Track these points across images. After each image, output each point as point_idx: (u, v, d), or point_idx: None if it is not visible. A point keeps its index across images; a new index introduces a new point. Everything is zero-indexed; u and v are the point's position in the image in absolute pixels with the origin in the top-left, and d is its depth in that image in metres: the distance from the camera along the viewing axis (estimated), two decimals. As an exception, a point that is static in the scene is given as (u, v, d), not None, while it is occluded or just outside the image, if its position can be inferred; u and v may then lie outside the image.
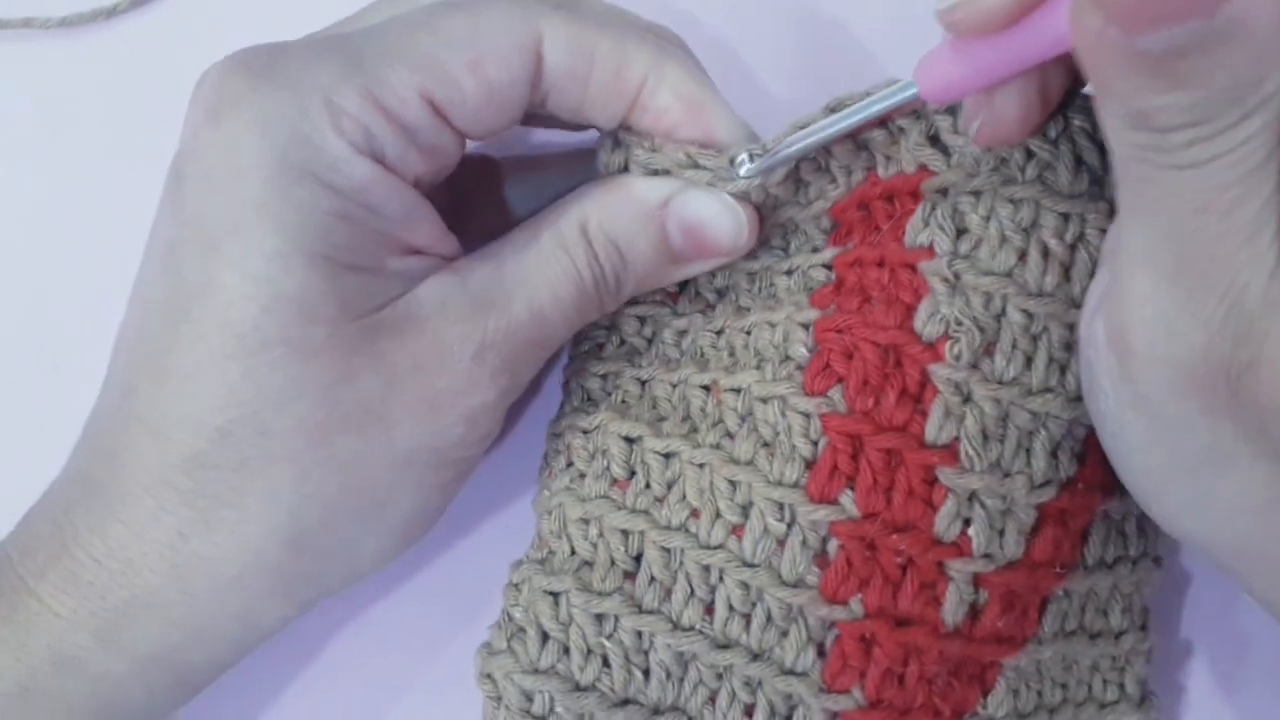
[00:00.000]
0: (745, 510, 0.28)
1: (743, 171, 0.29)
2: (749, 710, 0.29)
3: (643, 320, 0.33)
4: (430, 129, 0.27)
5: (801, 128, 0.29)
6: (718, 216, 0.29)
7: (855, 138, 0.29)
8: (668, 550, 0.29)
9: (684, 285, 0.32)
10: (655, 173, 0.29)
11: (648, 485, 0.29)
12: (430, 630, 0.34)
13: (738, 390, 0.29)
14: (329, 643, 0.35)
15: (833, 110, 0.29)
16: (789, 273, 0.31)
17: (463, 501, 0.31)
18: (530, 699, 0.29)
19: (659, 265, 0.30)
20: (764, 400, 0.28)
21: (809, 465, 0.28)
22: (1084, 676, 0.32)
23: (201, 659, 0.28)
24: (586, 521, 0.30)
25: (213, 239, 0.25)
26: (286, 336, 0.25)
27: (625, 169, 0.30)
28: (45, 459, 0.29)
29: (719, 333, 0.31)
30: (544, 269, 0.29)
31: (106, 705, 0.28)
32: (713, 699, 0.29)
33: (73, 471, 0.28)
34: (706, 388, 0.30)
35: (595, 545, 0.30)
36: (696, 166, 0.29)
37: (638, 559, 0.29)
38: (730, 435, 0.29)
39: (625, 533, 0.29)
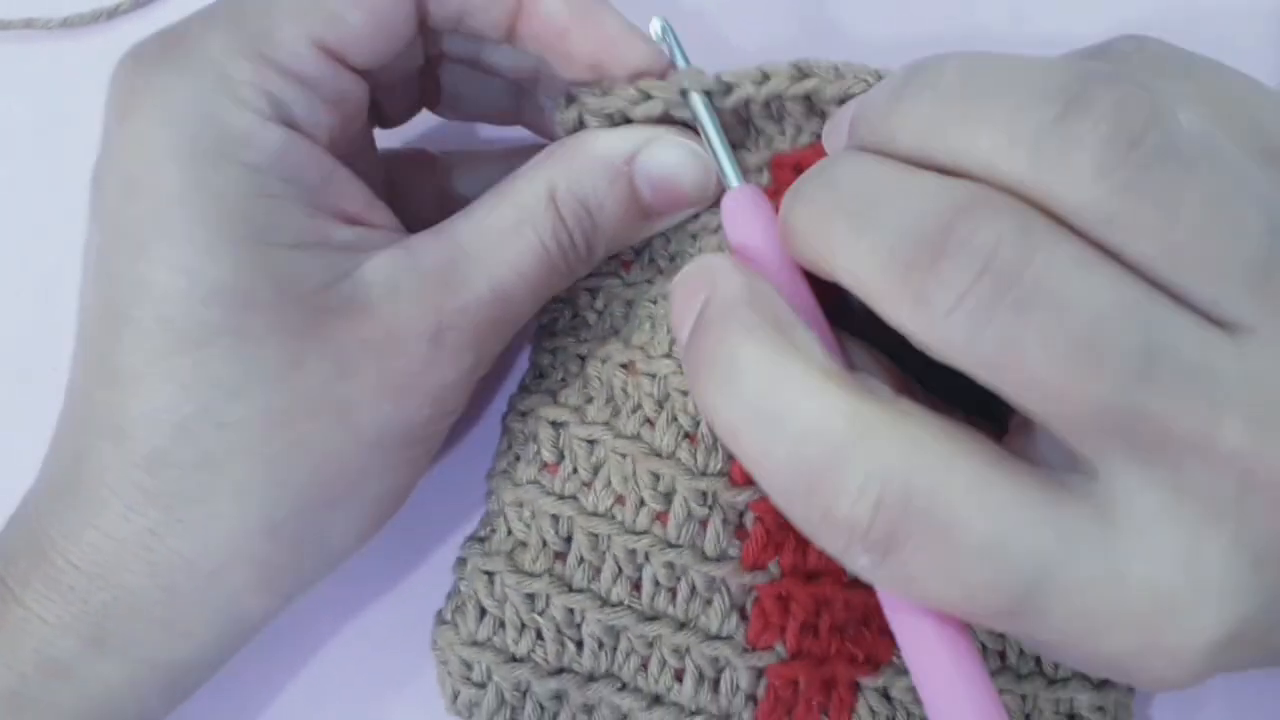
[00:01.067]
0: (668, 498, 0.29)
1: (694, 101, 0.28)
2: (679, 675, 0.30)
3: (594, 293, 0.32)
4: (329, 76, 0.27)
5: (766, 75, 0.29)
6: (684, 165, 0.29)
7: (811, 100, 0.29)
8: (595, 535, 0.30)
9: (639, 253, 0.32)
10: (610, 117, 0.29)
11: (575, 470, 0.30)
12: (420, 625, 0.34)
13: (653, 375, 0.30)
14: (318, 644, 0.35)
15: (799, 70, 0.29)
16: (718, 230, 0.30)
17: (451, 491, 0.32)
18: (470, 667, 0.31)
19: (630, 222, 0.30)
20: (684, 392, 0.29)
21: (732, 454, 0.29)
22: (1018, 645, 0.31)
23: (188, 657, 0.28)
24: (520, 504, 0.31)
25: (139, 240, 0.25)
26: (228, 326, 0.25)
27: (581, 124, 0.29)
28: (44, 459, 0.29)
29: (655, 302, 0.31)
30: (506, 245, 0.28)
31: (96, 709, 0.28)
32: (644, 665, 0.30)
33: (43, 479, 0.28)
34: (625, 366, 0.31)
35: (529, 527, 0.31)
36: (648, 98, 0.29)
37: (569, 540, 0.30)
38: (650, 421, 0.30)
39: (555, 517, 0.30)
